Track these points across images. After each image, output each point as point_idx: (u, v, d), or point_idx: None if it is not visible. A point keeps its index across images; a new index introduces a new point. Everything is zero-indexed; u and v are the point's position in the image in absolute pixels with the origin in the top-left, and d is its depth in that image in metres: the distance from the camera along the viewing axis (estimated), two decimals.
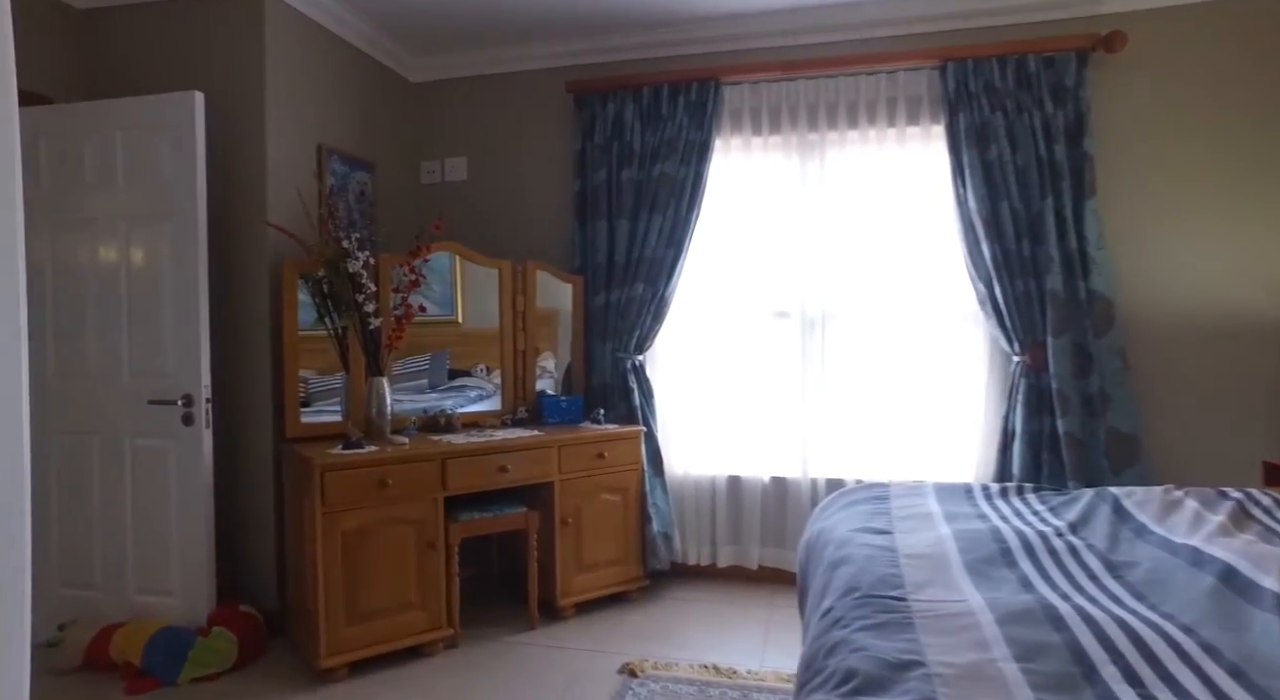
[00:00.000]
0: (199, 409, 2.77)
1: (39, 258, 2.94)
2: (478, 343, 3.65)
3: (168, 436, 2.82)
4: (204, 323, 2.79)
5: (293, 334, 3.01)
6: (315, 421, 3.11)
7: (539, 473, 3.15)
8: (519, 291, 3.60)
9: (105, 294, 2.88)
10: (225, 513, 3.07)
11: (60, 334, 2.93)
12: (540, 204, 3.90)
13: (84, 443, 2.92)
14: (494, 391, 3.62)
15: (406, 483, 2.81)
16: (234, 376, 3.10)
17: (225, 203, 3.05)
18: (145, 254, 2.85)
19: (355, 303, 2.99)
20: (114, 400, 2.88)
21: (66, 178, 2.92)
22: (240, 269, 3.09)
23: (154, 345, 2.84)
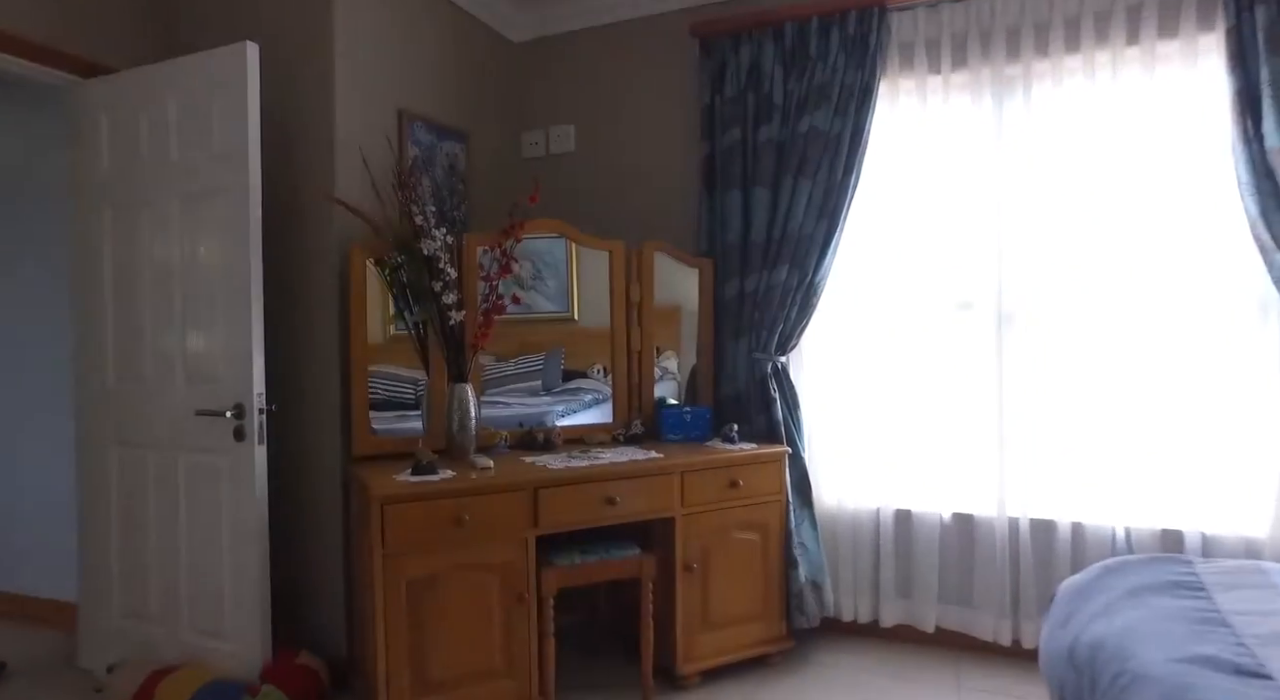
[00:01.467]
0: (251, 421, 2.27)
1: (98, 247, 2.56)
2: (593, 341, 3.01)
3: (219, 452, 2.35)
4: (256, 318, 2.29)
5: (360, 331, 2.47)
6: (393, 434, 2.56)
7: (656, 505, 2.45)
8: (633, 278, 2.92)
9: (159, 286, 2.45)
10: (289, 544, 2.57)
11: (120, 332, 2.53)
12: (660, 174, 3.20)
13: (140, 456, 2.51)
14: (609, 395, 2.96)
15: (489, 519, 2.19)
16: (298, 382, 2.61)
17: (285, 177, 2.56)
18: (196, 238, 2.39)
19: (432, 292, 2.41)
20: (168, 409, 2.44)
21: (125, 156, 2.51)
22: (304, 255, 2.58)
23: (205, 346, 2.38)
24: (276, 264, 2.61)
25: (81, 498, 2.63)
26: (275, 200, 2.58)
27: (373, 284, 2.52)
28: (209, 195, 2.35)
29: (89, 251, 2.57)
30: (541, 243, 2.89)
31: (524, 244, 2.78)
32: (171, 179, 2.41)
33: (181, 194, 2.39)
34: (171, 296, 2.42)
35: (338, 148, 2.51)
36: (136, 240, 2.48)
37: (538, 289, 2.97)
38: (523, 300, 2.77)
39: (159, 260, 2.44)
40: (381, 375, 2.59)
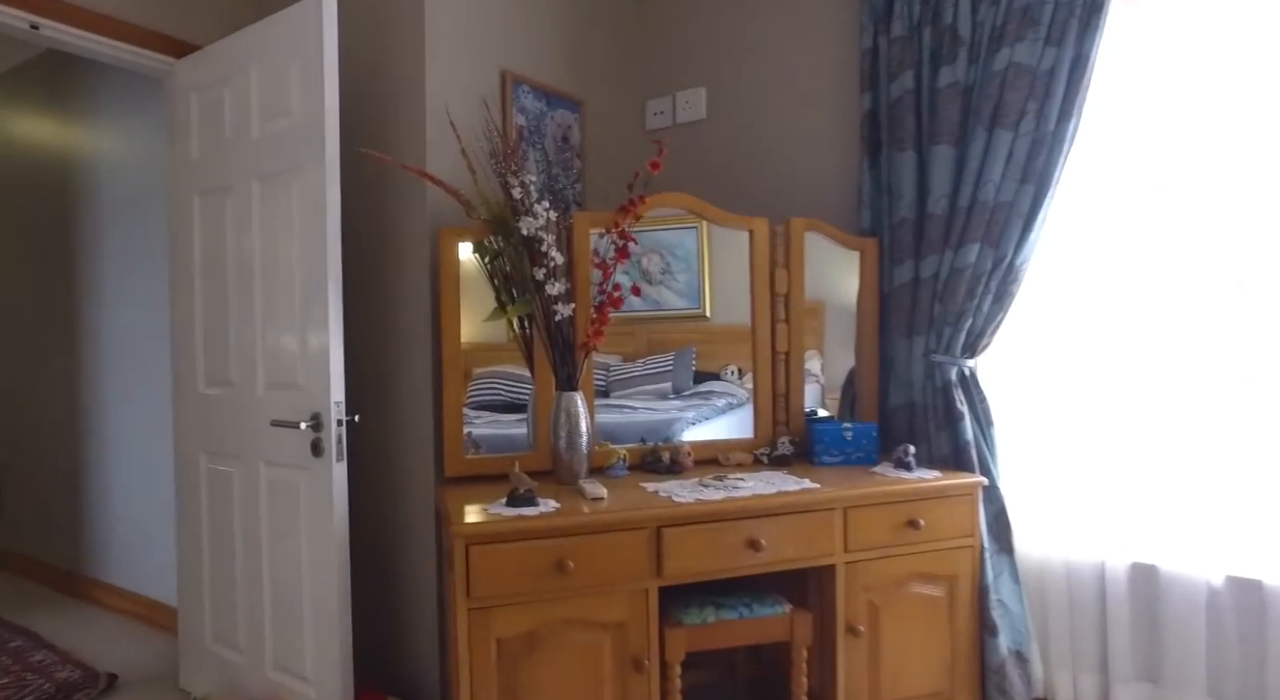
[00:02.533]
0: (328, 434, 1.92)
1: (189, 240, 2.31)
2: (727, 340, 2.50)
3: (297, 468, 2.02)
4: (334, 315, 1.93)
5: (452, 328, 2.06)
6: (498, 450, 2.15)
7: (812, 550, 1.88)
8: (779, 263, 2.36)
9: (241, 280, 2.16)
10: (378, 576, 2.22)
11: (207, 332, 2.27)
12: (808, 140, 2.62)
13: (226, 467, 2.23)
14: (746, 399, 2.43)
15: (601, 564, 1.71)
16: (386, 390, 2.25)
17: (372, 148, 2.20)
18: (274, 224, 2.07)
19: (533, 281, 1.97)
20: (249, 417, 2.15)
21: (211, 138, 2.25)
22: (392, 241, 2.22)
23: (283, 347, 2.06)
24: (360, 252, 2.27)
25: (178, 507, 2.41)
26: (359, 179, 2.24)
27: (474, 274, 2.12)
28: (285, 175, 2.02)
29: (181, 245, 2.34)
30: (670, 234, 2.41)
31: (652, 236, 2.32)
32: (252, 159, 2.11)
33: (260, 175, 2.09)
34: (252, 291, 2.12)
35: (430, 115, 2.12)
36: (221, 230, 2.21)
37: (666, 284, 2.50)
38: (644, 292, 2.31)
39: (241, 251, 2.15)
40: (491, 376, 2.20)
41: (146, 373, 3.09)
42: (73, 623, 3.13)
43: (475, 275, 2.15)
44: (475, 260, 2.14)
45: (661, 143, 2.08)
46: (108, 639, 2.95)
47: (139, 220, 3.10)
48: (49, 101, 3.53)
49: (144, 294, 3.09)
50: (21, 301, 3.81)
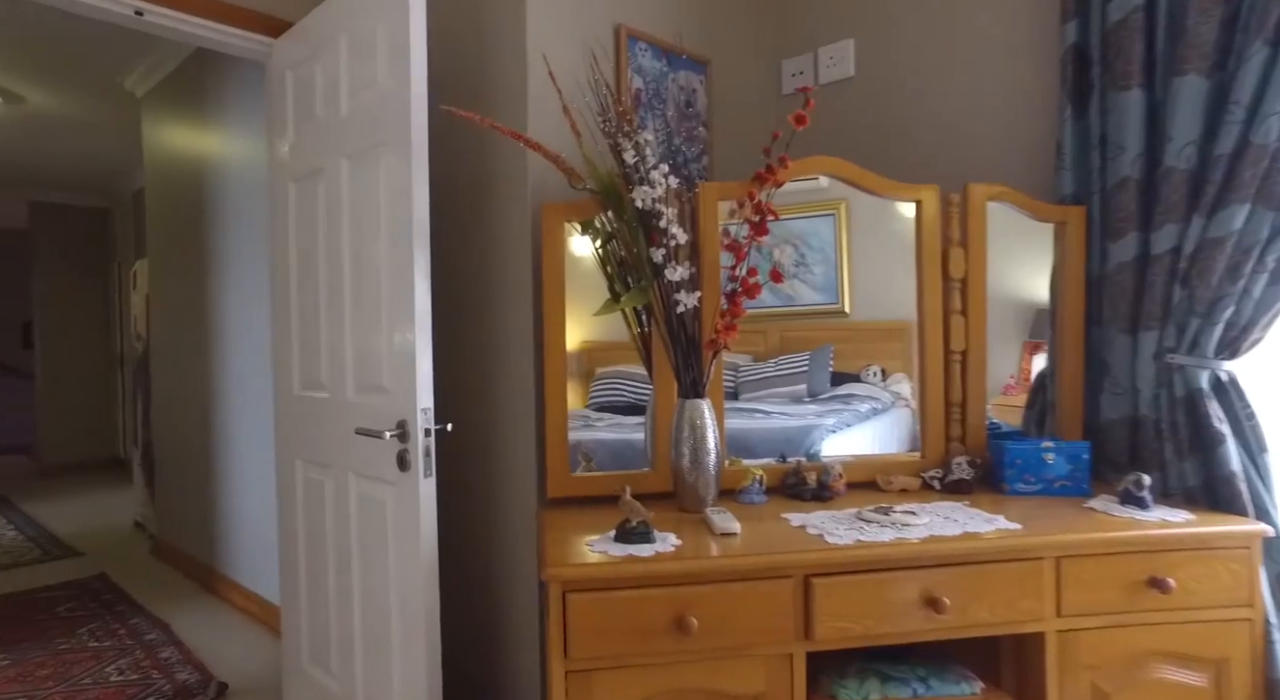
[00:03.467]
0: (415, 445, 1.63)
1: (285, 230, 2.13)
2: (870, 338, 2.06)
3: (383, 482, 1.76)
4: (421, 307, 1.64)
5: (555, 323, 1.72)
6: (618, 445, 1.81)
7: (1012, 612, 1.39)
8: (953, 240, 1.86)
9: (331, 270, 1.94)
10: (479, 606, 1.93)
11: (302, 330, 2.08)
12: (985, 91, 2.09)
13: (318, 475, 2.03)
14: (891, 403, 1.98)
15: (732, 620, 1.32)
16: (484, 395, 1.96)
17: (463, 122, 1.92)
18: (360, 207, 1.82)
19: (650, 265, 1.59)
20: (338, 423, 1.92)
21: (304, 118, 2.05)
22: (490, 222, 1.93)
23: (370, 346, 1.80)
24: (455, 236, 1.99)
25: (279, 514, 2.24)
26: (452, 155, 1.96)
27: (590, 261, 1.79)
28: (373, 152, 1.76)
29: (279, 238, 2.16)
30: (804, 223, 2.02)
31: (784, 226, 1.94)
32: (341, 137, 1.88)
33: (349, 154, 1.85)
34: (342, 284, 1.89)
35: (531, 74, 1.80)
36: (313, 219, 2.00)
37: (800, 277, 2.09)
38: (785, 277, 1.91)
39: (331, 240, 1.93)
40: (614, 377, 1.87)
41: (265, 372, 3.01)
42: (202, 619, 3.10)
43: (592, 262, 1.82)
44: (589, 246, 1.81)
45: (807, 91, 1.65)
46: (227, 640, 2.88)
47: (258, 221, 3.02)
48: (190, 109, 3.57)
49: (261, 294, 3.01)
50: (173, 307, 3.90)
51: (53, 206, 6.82)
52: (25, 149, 5.35)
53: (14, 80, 4.01)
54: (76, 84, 4.05)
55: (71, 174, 6.17)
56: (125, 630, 2.99)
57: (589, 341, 1.83)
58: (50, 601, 3.36)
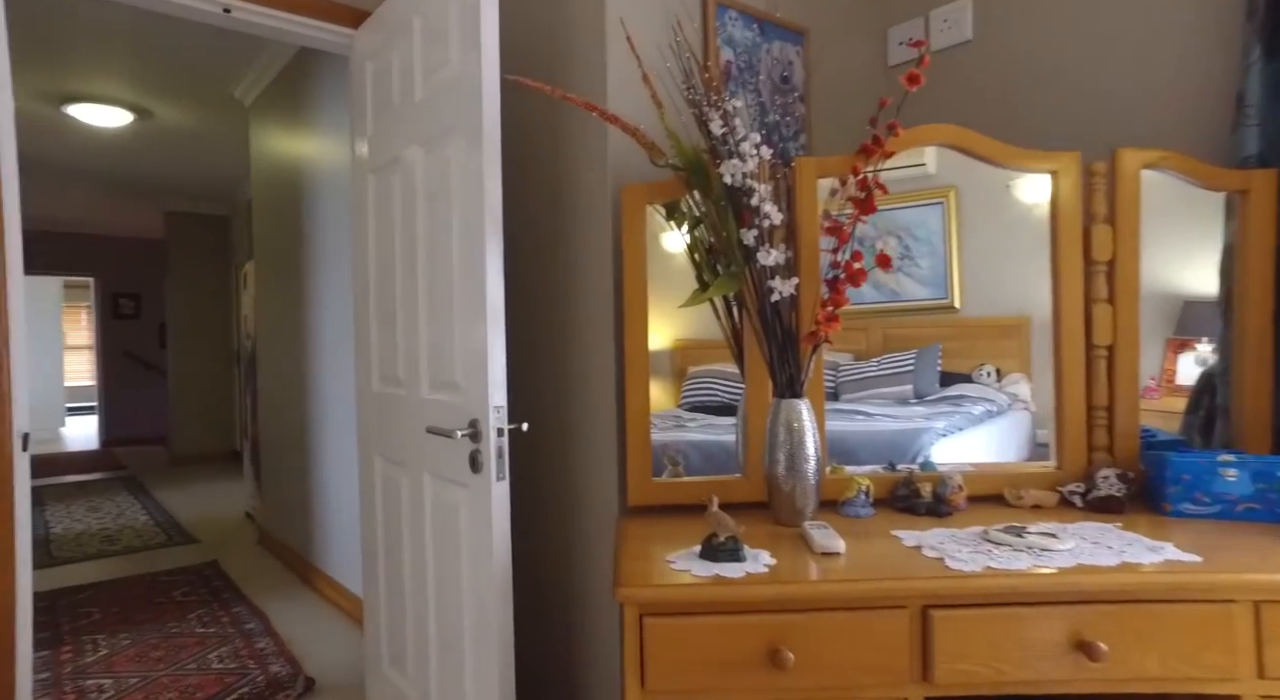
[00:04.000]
0: (487, 445, 1.52)
1: (364, 224, 2.08)
2: (982, 335, 1.83)
3: (455, 484, 1.65)
4: (493, 298, 1.53)
5: (637, 316, 1.57)
6: (711, 447, 1.65)
7: (1194, 667, 1.13)
8: (1097, 217, 1.58)
9: (406, 262, 1.86)
10: (557, 619, 1.81)
11: (380, 324, 2.02)
12: (1135, 42, 1.78)
13: (395, 474, 1.96)
14: (1007, 406, 1.72)
15: (835, 655, 1.12)
16: (564, 393, 1.83)
17: (537, 101, 1.80)
18: (434, 195, 1.73)
19: (740, 249, 1.42)
20: (412, 421, 1.84)
21: (382, 107, 1.99)
22: (567, 208, 1.79)
23: (443, 340, 1.71)
24: (527, 225, 1.88)
25: (361, 512, 2.20)
26: (525, 138, 1.84)
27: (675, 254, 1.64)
28: (445, 136, 1.66)
29: (359, 232, 2.12)
30: (909, 213, 1.80)
31: (888, 216, 1.74)
32: (416, 123, 1.80)
33: (423, 140, 1.76)
34: (416, 277, 1.80)
35: (610, 45, 1.66)
36: (390, 209, 1.93)
37: (905, 270, 1.86)
38: (879, 281, 1.71)
39: (407, 230, 1.85)
40: (707, 375, 1.72)
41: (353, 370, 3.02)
42: (297, 611, 3.15)
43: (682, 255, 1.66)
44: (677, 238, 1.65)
45: (921, 44, 1.43)
46: (318, 634, 2.90)
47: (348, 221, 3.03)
48: (287, 115, 3.66)
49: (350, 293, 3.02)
50: (274, 306, 4.03)
51: (183, 215, 7.30)
52: (158, 162, 5.72)
53: (142, 95, 4.25)
54: (194, 96, 4.25)
55: (198, 184, 6.57)
56: (229, 617, 3.07)
57: (682, 340, 1.68)
58: (169, 585, 3.52)
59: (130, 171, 6.02)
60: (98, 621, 3.07)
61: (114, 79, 4.00)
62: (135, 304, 8.79)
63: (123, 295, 8.74)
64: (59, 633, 2.96)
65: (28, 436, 1.67)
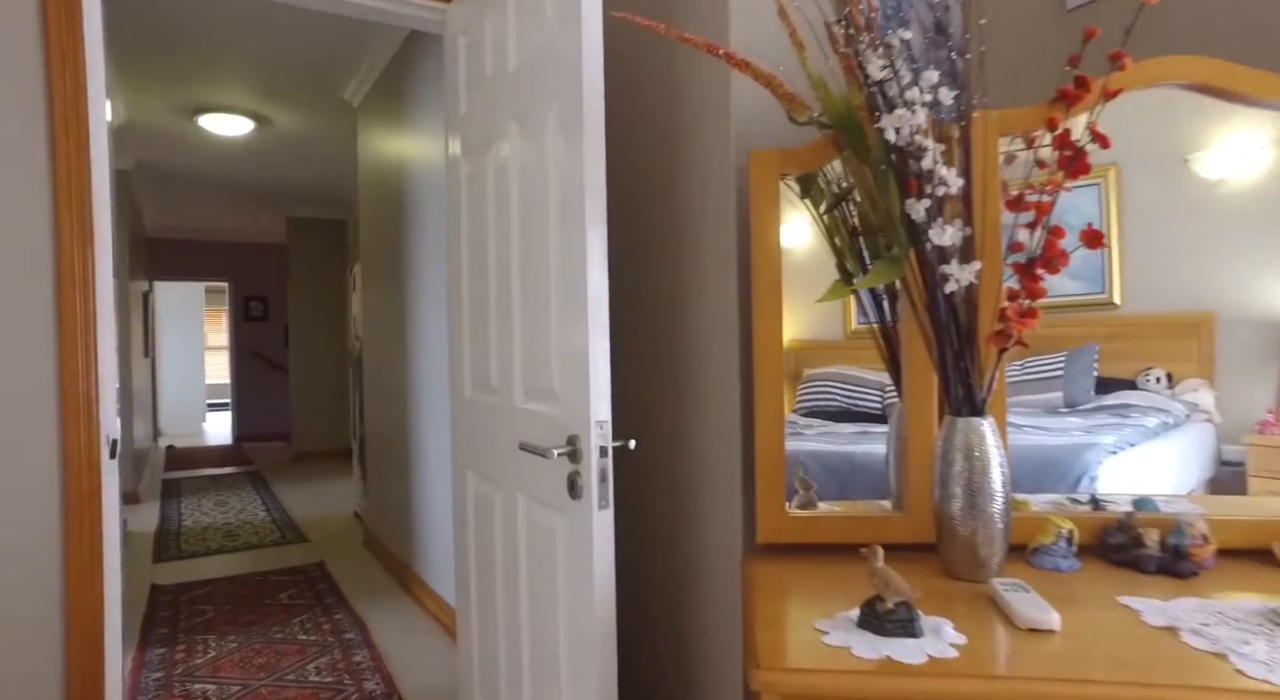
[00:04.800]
0: (588, 467, 1.28)
1: (457, 213, 1.91)
2: (1150, 335, 1.47)
3: (551, 507, 1.43)
4: (595, 296, 1.29)
5: (769, 307, 1.29)
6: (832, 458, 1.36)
7: None
8: None
9: (500, 253, 1.65)
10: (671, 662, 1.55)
11: (474, 324, 1.83)
12: None
13: (488, 489, 1.76)
14: (1182, 418, 1.36)
15: None
16: (677, 405, 1.56)
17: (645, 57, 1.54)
18: (530, 176, 1.51)
19: (904, 225, 1.11)
20: (509, 433, 1.63)
21: (475, 82, 1.80)
22: (683, 182, 1.53)
23: (537, 341, 1.48)
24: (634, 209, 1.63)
25: (455, 527, 2.03)
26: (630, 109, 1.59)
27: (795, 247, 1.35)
28: (540, 106, 1.44)
29: (452, 221, 1.95)
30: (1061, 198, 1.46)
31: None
32: (510, 95, 1.59)
33: (517, 113, 1.55)
34: (510, 270, 1.59)
35: None
36: (483, 196, 1.73)
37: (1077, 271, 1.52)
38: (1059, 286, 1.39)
39: (500, 218, 1.64)
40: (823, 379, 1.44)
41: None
42: (396, 622, 3.05)
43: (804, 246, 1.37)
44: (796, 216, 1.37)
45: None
46: (416, 649, 2.78)
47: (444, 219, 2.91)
48: (390, 114, 3.60)
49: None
50: (378, 307, 4.01)
51: (303, 220, 7.61)
52: (278, 169, 5.93)
53: (261, 103, 4.36)
54: (308, 100, 4.31)
55: (315, 190, 6.80)
56: (330, 625, 3.02)
57: (797, 340, 1.40)
58: (278, 586, 3.54)
59: (255, 179, 6.29)
60: (210, 620, 3.10)
61: (236, 87, 4.11)
62: (264, 306, 9.29)
63: (253, 298, 9.26)
64: (176, 630, 2.99)
65: (116, 443, 1.59)
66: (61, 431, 1.50)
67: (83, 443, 1.50)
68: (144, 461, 6.60)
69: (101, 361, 1.54)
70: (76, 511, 1.50)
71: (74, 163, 1.57)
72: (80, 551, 1.50)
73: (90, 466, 1.52)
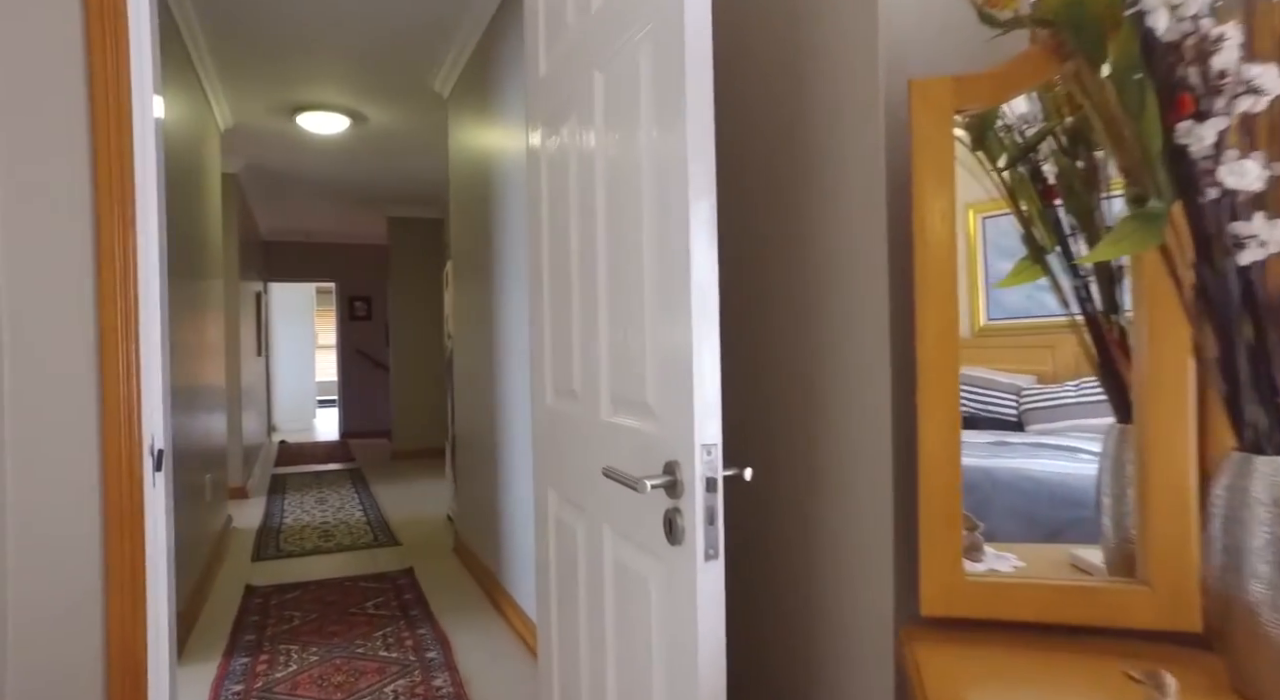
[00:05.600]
0: (692, 503, 0.98)
1: (537, 192, 1.65)
2: None
3: (643, 549, 1.13)
4: (701, 284, 0.98)
5: (942, 293, 0.94)
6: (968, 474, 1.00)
7: None
8: None
9: (584, 238, 1.37)
10: None
11: (555, 319, 1.56)
12: None
13: (570, 513, 1.49)
14: None
15: None
16: (805, 420, 1.23)
17: None
18: (615, 138, 1.21)
19: (1171, 161, 0.74)
20: (593, 450, 1.35)
21: (555, 37, 1.52)
22: (808, 136, 1.20)
23: (629, 343, 1.19)
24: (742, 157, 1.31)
25: (536, 548, 1.78)
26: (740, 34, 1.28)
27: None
28: (628, 46, 1.15)
29: (534, 202, 1.69)
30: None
31: None
32: (593, 41, 1.30)
33: (601, 63, 1.26)
34: (595, 253, 1.31)
35: None
36: (563, 162, 1.46)
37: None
38: None
39: (582, 187, 1.36)
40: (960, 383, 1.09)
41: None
42: (480, 641, 2.86)
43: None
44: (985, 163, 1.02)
45: None
46: (499, 675, 2.56)
47: None
48: (477, 102, 3.43)
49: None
50: (467, 305, 3.86)
51: (402, 220, 7.70)
52: (376, 167, 5.96)
53: (354, 98, 4.32)
54: (400, 94, 4.23)
55: (413, 188, 6.84)
56: (413, 641, 2.86)
57: None
58: (365, 594, 3.44)
59: (353, 179, 6.36)
60: (296, 628, 3.01)
61: (330, 83, 4.07)
62: (367, 306, 9.54)
63: (357, 298, 9.52)
64: (262, 637, 2.92)
65: (162, 453, 1.43)
66: (102, 442, 1.34)
67: (123, 454, 1.34)
68: (255, 457, 6.83)
69: (144, 362, 1.38)
70: (116, 533, 1.34)
71: (115, 154, 1.42)
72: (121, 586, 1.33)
73: (132, 480, 1.36)
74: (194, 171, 3.66)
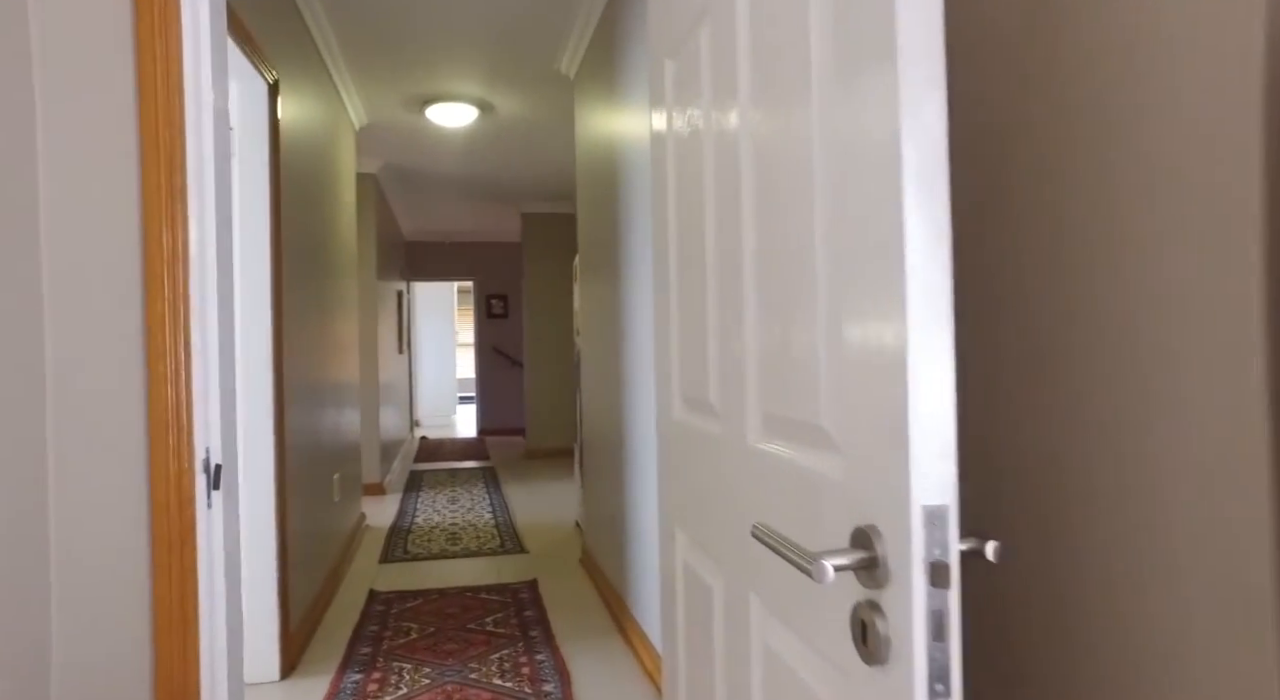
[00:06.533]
0: (906, 602, 0.60)
1: (663, 166, 1.31)
2: None
3: (820, 655, 0.75)
4: (920, 265, 0.60)
5: None
6: None
7: None
8: None
9: (724, 212, 1.02)
10: None
11: (685, 318, 1.22)
12: None
13: (702, 567, 1.14)
14: None
15: None
16: (1088, 463, 0.81)
17: None
18: (772, 112, 0.85)
19: None
20: (729, 490, 0.99)
21: None
22: (1095, 49, 0.77)
23: (793, 343, 0.82)
24: (981, 126, 0.89)
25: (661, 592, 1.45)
26: None
27: None
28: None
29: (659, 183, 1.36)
30: None
31: None
32: None
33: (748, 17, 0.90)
34: (739, 229, 0.95)
35: None
36: (696, 147, 1.11)
37: None
38: None
39: (721, 147, 1.01)
40: None
41: None
42: (603, 676, 2.58)
43: None
44: None
45: None
46: None
47: None
48: (602, 83, 3.16)
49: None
50: (594, 302, 3.61)
51: (535, 216, 7.68)
52: (507, 159, 5.89)
53: (482, 86, 4.21)
54: (526, 78, 4.07)
55: (545, 182, 6.76)
56: (529, 668, 2.63)
57: None
58: (486, 608, 3.27)
59: (485, 173, 6.34)
60: (412, 643, 2.87)
61: (457, 72, 3.97)
62: (504, 304, 9.68)
63: (494, 296, 9.69)
64: (378, 651, 2.80)
65: (219, 469, 1.23)
66: (149, 459, 1.16)
67: (170, 471, 1.15)
68: (395, 453, 7.03)
69: (194, 367, 1.18)
70: (164, 567, 1.15)
71: (165, 141, 1.24)
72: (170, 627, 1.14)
73: (180, 501, 1.16)
74: (325, 171, 3.66)
